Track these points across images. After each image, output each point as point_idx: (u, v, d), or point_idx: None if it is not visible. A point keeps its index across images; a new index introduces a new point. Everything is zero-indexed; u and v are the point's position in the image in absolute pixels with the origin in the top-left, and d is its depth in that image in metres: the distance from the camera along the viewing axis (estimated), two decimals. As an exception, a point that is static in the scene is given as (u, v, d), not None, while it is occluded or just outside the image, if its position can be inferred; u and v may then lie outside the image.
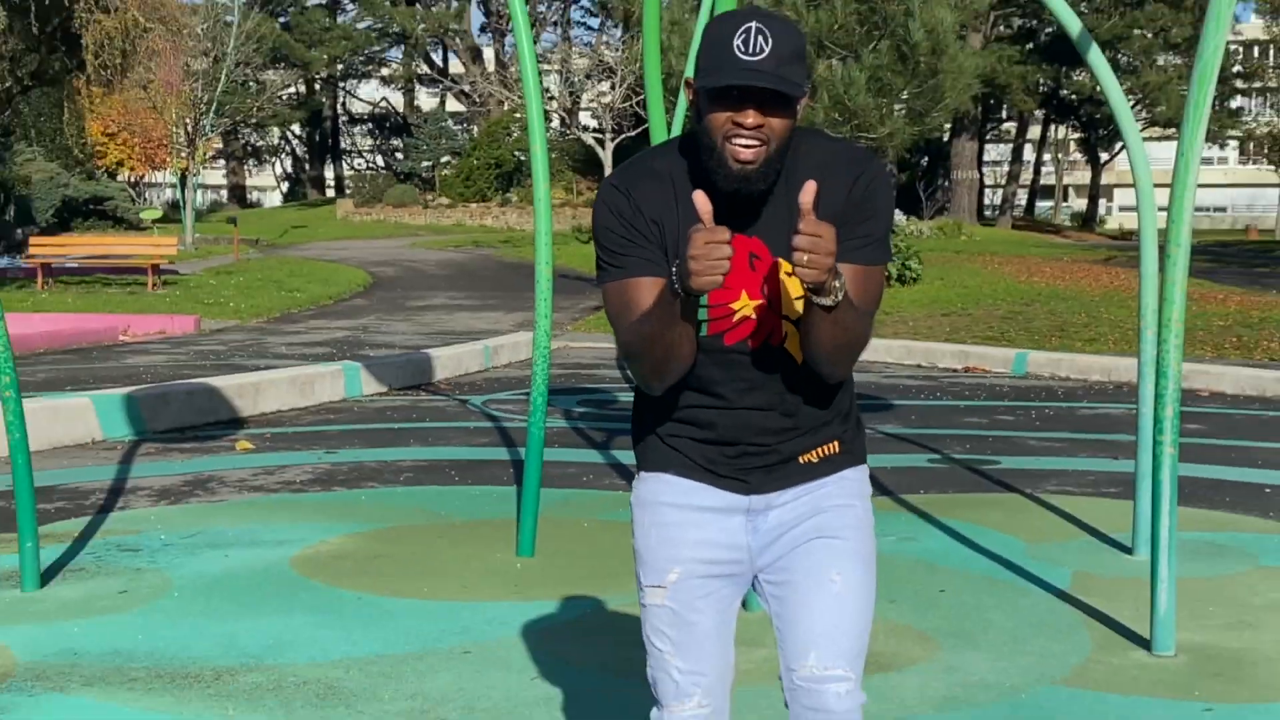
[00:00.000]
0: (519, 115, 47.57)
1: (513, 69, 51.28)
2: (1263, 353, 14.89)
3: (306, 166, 68.61)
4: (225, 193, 68.50)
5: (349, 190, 60.01)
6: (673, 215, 2.32)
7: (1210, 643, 4.77)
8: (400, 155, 58.01)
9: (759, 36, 2.16)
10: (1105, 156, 55.19)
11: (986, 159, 56.62)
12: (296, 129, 66.64)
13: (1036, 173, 59.74)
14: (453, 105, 62.65)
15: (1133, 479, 6.23)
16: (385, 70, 64.38)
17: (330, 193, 64.63)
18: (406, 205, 48.35)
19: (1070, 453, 8.91)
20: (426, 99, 66.73)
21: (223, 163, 66.15)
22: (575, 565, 5.83)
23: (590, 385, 12.50)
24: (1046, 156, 60.58)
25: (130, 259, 24.80)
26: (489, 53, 59.90)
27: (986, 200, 54.84)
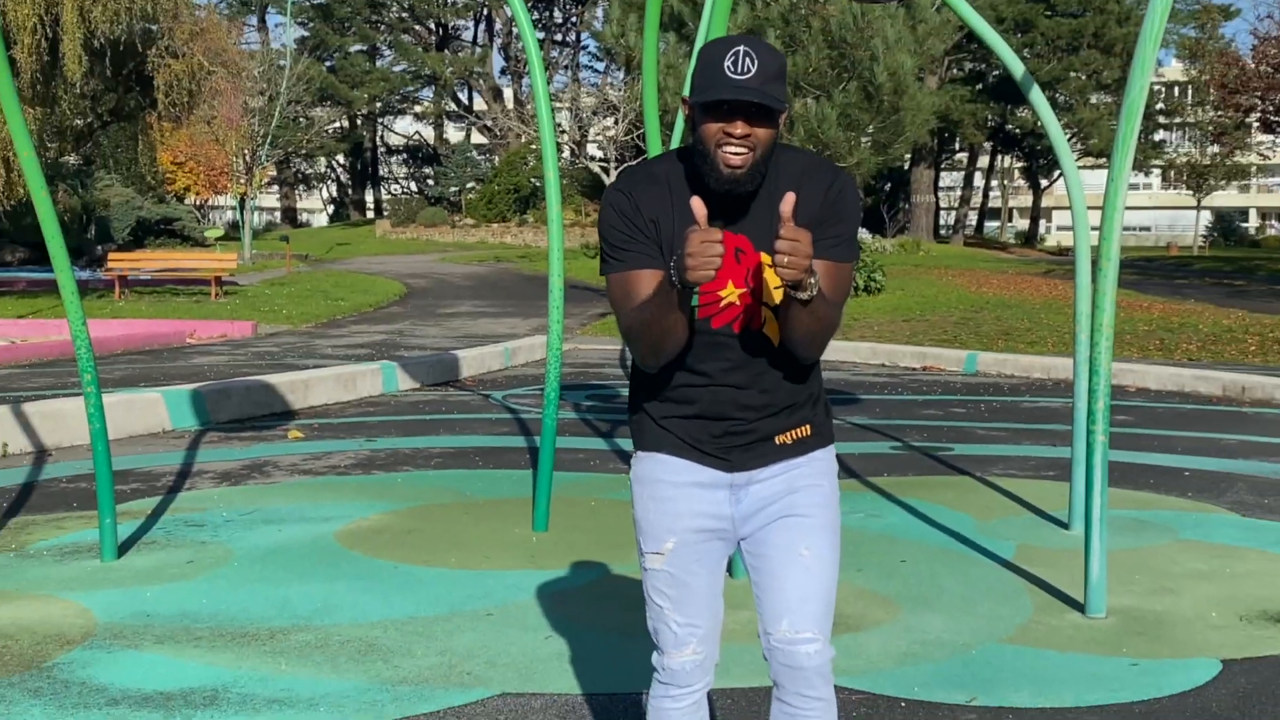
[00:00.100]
0: (534, 147, 47.58)
1: (529, 107, 51.32)
2: (1181, 354, 14.89)
3: (349, 191, 68.56)
4: (278, 214, 68.48)
5: (386, 212, 59.99)
6: (669, 215, 2.35)
7: (1136, 606, 4.77)
8: (431, 181, 57.95)
9: (746, 58, 2.21)
10: (1045, 183, 55.11)
11: (942, 185, 56.54)
12: (340, 159, 66.61)
13: (985, 197, 59.70)
14: (477, 138, 62.65)
15: (1069, 463, 6.24)
16: (418, 107, 64.33)
17: (370, 214, 64.58)
18: (436, 225, 48.32)
19: (1014, 441, 8.91)
20: (454, 132, 66.73)
21: (276, 188, 66.14)
22: (584, 538, 5.83)
23: (596, 382, 12.50)
24: (994, 183, 60.52)
25: (196, 272, 24.81)
26: (508, 92, 59.93)
27: (941, 221, 54.74)
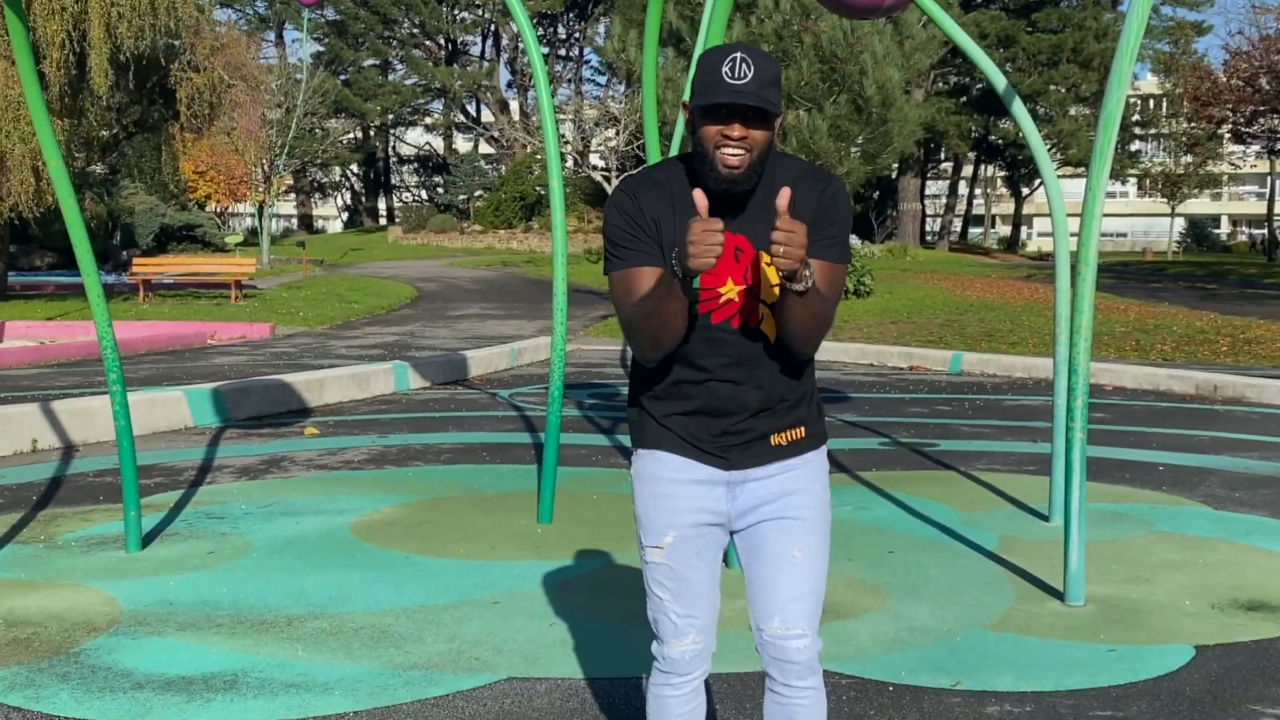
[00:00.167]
0: (539, 156, 47.56)
1: (534, 118, 51.30)
2: (1156, 354, 14.88)
3: (363, 199, 68.53)
4: (295, 221, 68.47)
5: (398, 219, 59.98)
6: (670, 216, 2.35)
7: (1113, 594, 4.77)
8: (441, 190, 57.97)
9: (743, 64, 2.22)
10: (1026, 191, 55.11)
11: (928, 193, 56.51)
12: (355, 168, 66.57)
13: (969, 204, 59.65)
14: (484, 148, 62.60)
15: (1049, 458, 6.23)
16: (428, 119, 64.30)
17: (382, 221, 64.55)
18: (446, 231, 48.33)
19: (997, 437, 8.91)
20: (463, 143, 66.68)
21: (293, 196, 66.10)
22: (587, 531, 5.83)
23: (599, 381, 12.50)
24: (977, 191, 60.50)
25: (216, 276, 24.82)
26: (515, 105, 59.89)
27: (927, 227, 54.69)
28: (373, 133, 63.32)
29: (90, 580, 4.91)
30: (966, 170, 56.64)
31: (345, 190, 70.45)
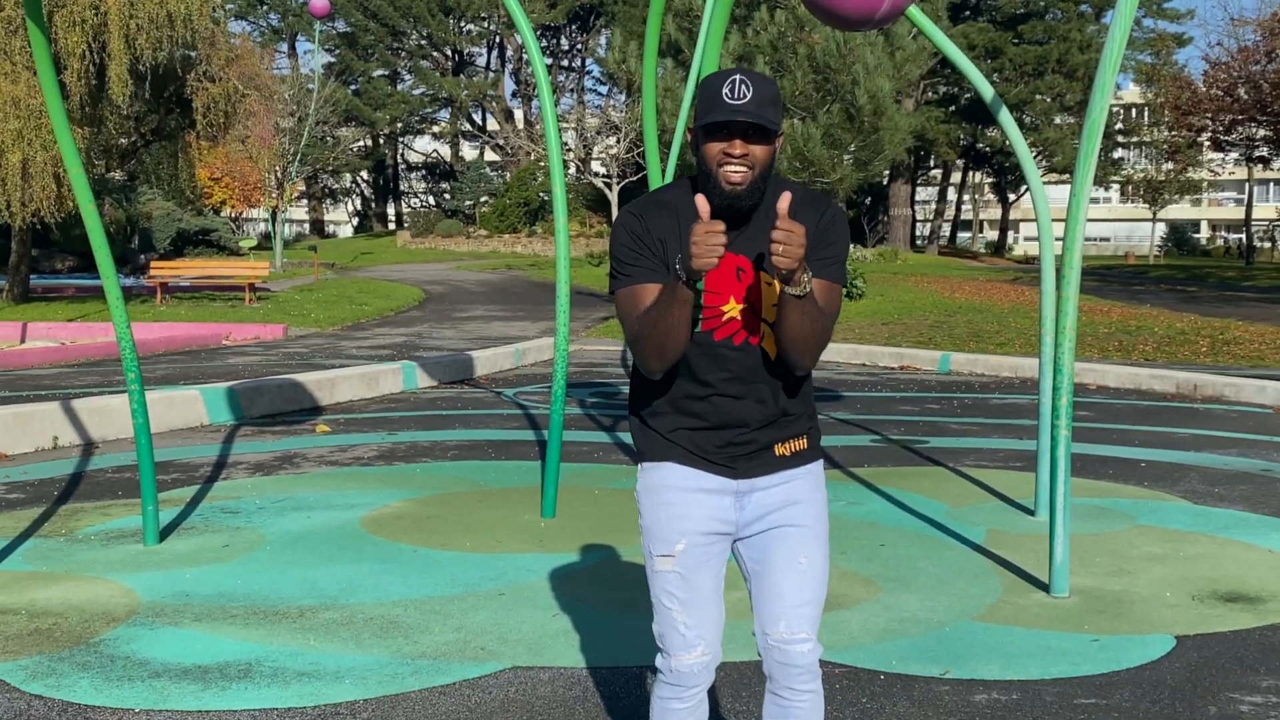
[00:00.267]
0: (543, 164, 47.55)
1: (538, 127, 51.30)
2: (1139, 354, 14.89)
3: (373, 204, 68.55)
4: (307, 225, 68.46)
5: (406, 224, 59.99)
6: (675, 237, 2.35)
7: (1097, 586, 4.77)
8: (448, 195, 57.92)
9: (743, 85, 2.24)
10: (1012, 197, 55.08)
11: (918, 199, 56.57)
12: (364, 175, 66.61)
13: (957, 210, 59.63)
14: (490, 155, 62.59)
15: (1034, 455, 6.23)
16: (436, 127, 64.29)
17: (391, 226, 64.56)
18: (453, 236, 48.31)
19: (985, 434, 8.91)
20: (469, 150, 66.69)
21: (305, 201, 66.10)
22: (588, 525, 5.83)
23: (600, 380, 12.50)
24: (966, 197, 60.50)
25: (231, 279, 24.81)
26: (519, 114, 59.91)
27: (918, 232, 54.69)
28: (382, 140, 63.33)
29: (109, 573, 4.91)
30: (955, 177, 56.65)
31: (355, 196, 70.46)
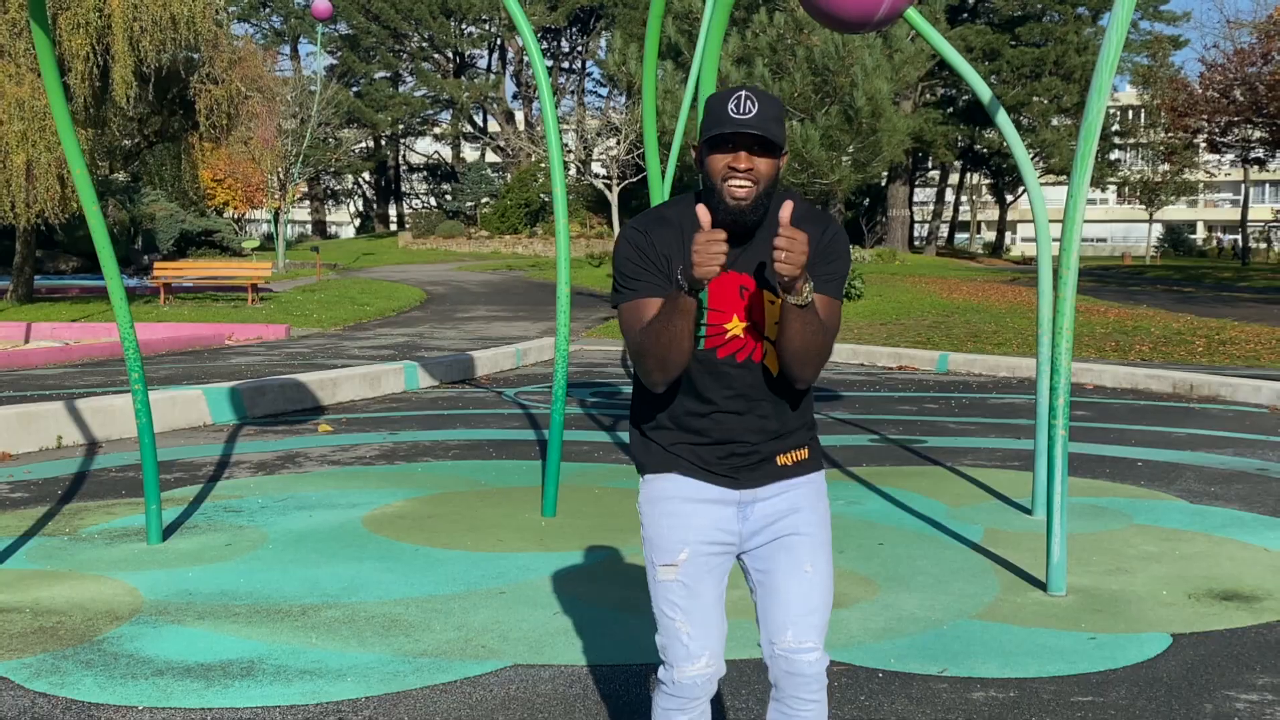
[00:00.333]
0: (543, 165, 47.54)
1: (539, 128, 51.28)
2: (1135, 354, 14.88)
3: (374, 205, 68.51)
4: (309, 226, 68.44)
5: (408, 224, 59.96)
6: (679, 253, 2.35)
7: (1094, 585, 4.77)
8: (449, 196, 57.92)
9: (748, 101, 2.26)
10: (1010, 198, 55.08)
11: (916, 200, 56.55)
12: (366, 176, 66.58)
13: (955, 211, 59.62)
14: (491, 157, 62.64)
15: (1032, 454, 6.23)
16: (437, 129, 64.28)
17: (393, 226, 64.56)
18: (454, 237, 48.30)
19: (982, 434, 8.90)
20: (470, 152, 66.70)
21: (308, 202, 66.09)
22: (589, 523, 5.83)
23: (600, 380, 12.50)
24: (963, 198, 60.50)
25: (234, 279, 24.81)
26: (520, 115, 59.89)
27: (916, 233, 54.67)
28: (384, 142, 63.32)
29: (113, 571, 4.90)
30: (953, 178, 56.65)
31: (357, 197, 70.46)
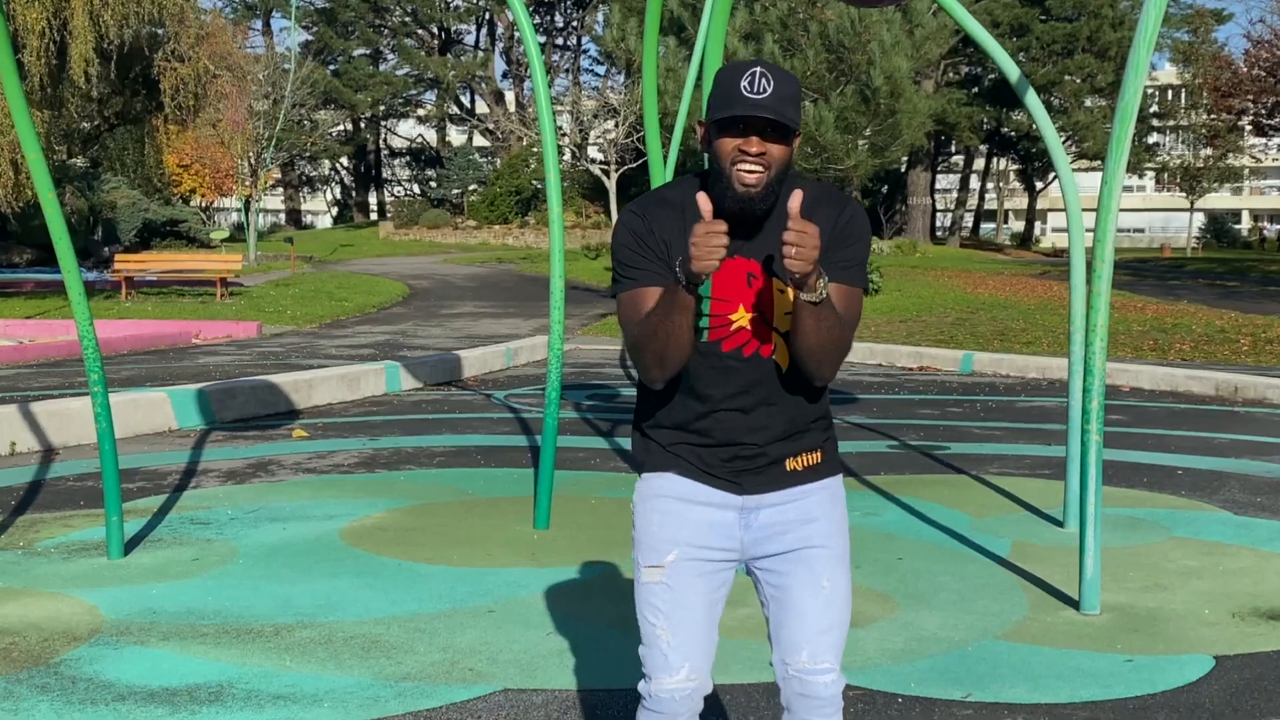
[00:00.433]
0: (536, 149, 47.61)
1: (530, 110, 51.32)
2: (1175, 354, 14.89)
3: (353, 193, 68.56)
4: (283, 216, 68.48)
5: (389, 214, 59.93)
6: (681, 238, 2.33)
7: (1130, 603, 4.77)
8: (434, 184, 57.94)
9: (762, 79, 2.23)
10: (1040, 185, 55.13)
11: (938, 187, 56.55)
12: (345, 161, 66.60)
13: (981, 199, 59.72)
14: (479, 140, 62.64)
15: (1064, 462, 6.23)
16: (421, 110, 64.32)
17: (374, 216, 64.56)
18: (439, 227, 48.34)
19: (1010, 440, 8.90)
20: (456, 135, 66.73)
21: (281, 190, 66.12)
22: (584, 536, 5.83)
23: (597, 382, 12.50)
24: (990, 185, 60.57)
25: (201, 273, 24.82)
26: (510, 96, 59.92)
27: (938, 222, 54.73)
28: (363, 125, 63.37)
29: (71, 588, 4.90)
30: (978, 164, 56.68)
31: (335, 184, 70.50)
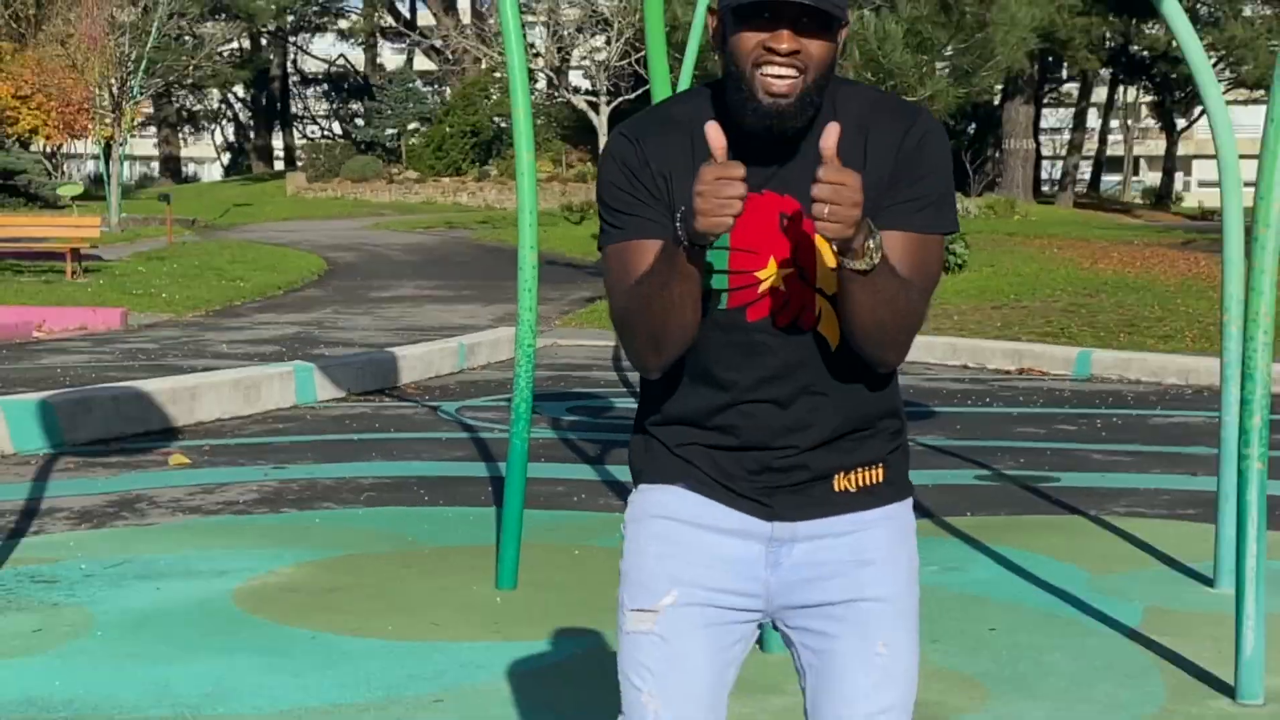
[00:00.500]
0: (499, 75, 47.56)
1: (492, 20, 51.30)
2: (1366, 352, 14.88)
3: (251, 135, 68.61)
4: (157, 165, 68.56)
5: (301, 163, 59.98)
6: (687, 171, 2.22)
7: (1305, 690, 4.77)
8: (360, 122, 57.97)
9: None
10: (1182, 123, 55.19)
11: (1044, 126, 56.64)
12: (240, 91, 66.65)
13: (1102, 142, 59.70)
14: (422, 63, 62.64)
15: (1214, 499, 6.22)
16: (343, 23, 64.40)
17: (279, 165, 64.66)
18: (368, 180, 48.35)
19: (1141, 468, 8.90)
20: (391, 56, 66.76)
21: (154, 130, 66.14)
22: (563, 599, 5.83)
23: (582, 389, 12.50)
24: (1114, 123, 60.61)
25: (46, 242, 24.77)
26: (464, 2, 59.93)
27: (1044, 174, 54.79)
28: (265, 42, 63.38)
29: None
30: (1099, 95, 56.68)
31: (227, 122, 70.57)
